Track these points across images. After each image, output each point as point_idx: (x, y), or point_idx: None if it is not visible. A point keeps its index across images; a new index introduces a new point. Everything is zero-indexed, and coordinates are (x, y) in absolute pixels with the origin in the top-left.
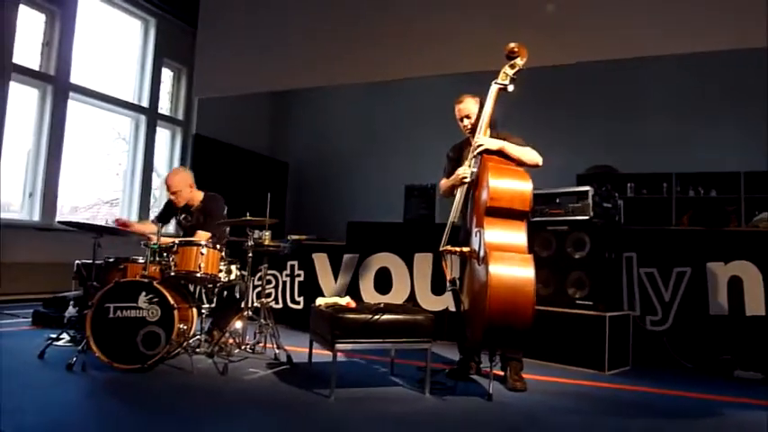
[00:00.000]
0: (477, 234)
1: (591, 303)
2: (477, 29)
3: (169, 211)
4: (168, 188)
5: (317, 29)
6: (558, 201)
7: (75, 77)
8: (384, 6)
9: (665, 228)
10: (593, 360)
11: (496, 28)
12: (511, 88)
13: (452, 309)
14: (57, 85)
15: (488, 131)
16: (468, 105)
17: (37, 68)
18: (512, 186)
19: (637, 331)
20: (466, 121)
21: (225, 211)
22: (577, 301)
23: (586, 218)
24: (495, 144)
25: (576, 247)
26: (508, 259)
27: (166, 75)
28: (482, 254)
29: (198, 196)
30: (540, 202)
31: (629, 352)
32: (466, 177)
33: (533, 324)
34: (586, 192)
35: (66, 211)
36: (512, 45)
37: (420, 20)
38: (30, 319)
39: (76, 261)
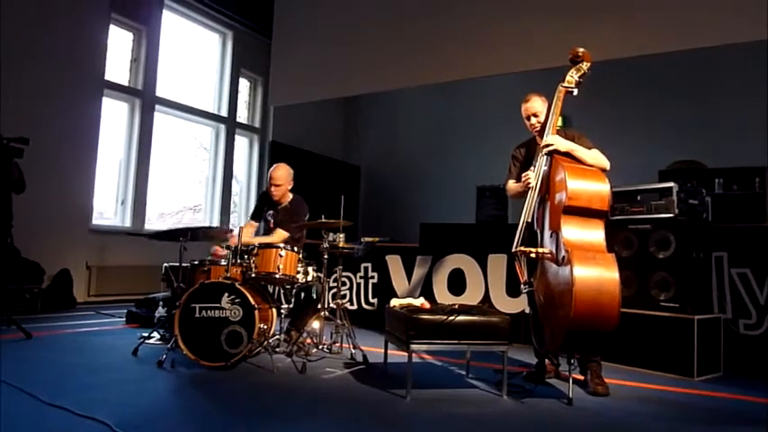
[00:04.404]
0: (553, 235)
1: (677, 305)
2: (544, 25)
3: (262, 205)
4: (273, 180)
5: (386, 34)
6: (639, 198)
7: (161, 90)
8: (450, 8)
9: (760, 225)
10: (680, 365)
11: (566, 22)
12: (576, 92)
13: (528, 311)
14: (144, 98)
15: (555, 134)
16: (535, 104)
17: (126, 83)
18: (590, 186)
19: (729, 335)
20: (533, 120)
21: (307, 216)
22: (662, 303)
23: (671, 215)
24: (564, 145)
25: (659, 247)
26: (591, 259)
27: (243, 85)
28: (562, 254)
29: (288, 195)
30: (620, 200)
31: (721, 357)
32: (530, 182)
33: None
34: (670, 188)
35: (153, 218)
36: (577, 50)
37: (488, 19)
38: (124, 319)
39: (164, 264)
